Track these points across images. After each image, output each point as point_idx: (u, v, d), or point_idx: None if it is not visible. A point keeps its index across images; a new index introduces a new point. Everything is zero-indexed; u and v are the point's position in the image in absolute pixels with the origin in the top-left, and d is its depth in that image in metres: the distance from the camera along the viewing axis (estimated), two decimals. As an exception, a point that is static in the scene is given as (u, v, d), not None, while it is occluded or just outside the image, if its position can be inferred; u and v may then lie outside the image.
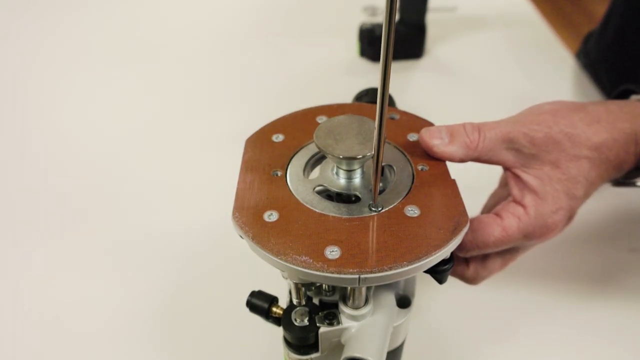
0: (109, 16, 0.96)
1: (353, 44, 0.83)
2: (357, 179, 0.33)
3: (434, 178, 0.33)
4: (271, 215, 0.30)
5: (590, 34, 0.79)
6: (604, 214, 0.56)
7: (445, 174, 0.33)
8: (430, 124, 0.37)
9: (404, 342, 0.37)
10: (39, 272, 0.52)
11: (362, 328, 0.31)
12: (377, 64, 0.81)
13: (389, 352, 0.33)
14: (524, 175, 0.35)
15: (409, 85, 0.78)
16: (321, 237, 0.28)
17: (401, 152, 0.35)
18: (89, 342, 0.47)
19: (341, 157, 0.30)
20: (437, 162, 0.34)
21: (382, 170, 0.30)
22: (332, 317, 0.31)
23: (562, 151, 0.35)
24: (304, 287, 0.32)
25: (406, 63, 0.81)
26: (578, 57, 0.81)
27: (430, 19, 0.80)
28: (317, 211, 0.30)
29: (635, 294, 0.49)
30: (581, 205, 0.36)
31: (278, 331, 0.32)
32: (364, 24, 0.80)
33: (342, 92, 0.49)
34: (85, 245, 0.55)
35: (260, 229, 0.29)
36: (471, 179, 0.39)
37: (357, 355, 0.29)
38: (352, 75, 0.79)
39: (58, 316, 0.48)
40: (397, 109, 0.39)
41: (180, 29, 0.92)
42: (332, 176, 0.33)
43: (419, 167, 0.33)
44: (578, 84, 0.77)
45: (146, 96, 0.77)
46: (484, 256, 0.38)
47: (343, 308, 0.31)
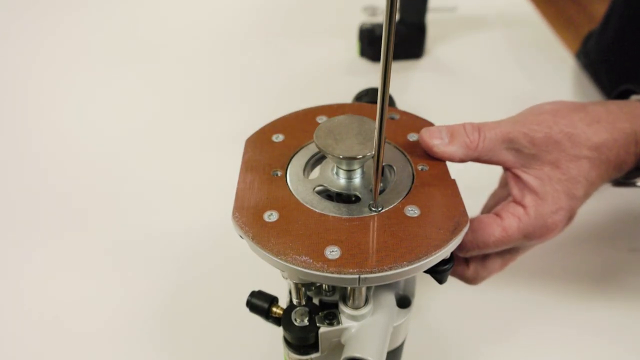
0: (109, 16, 0.96)
1: (353, 44, 0.83)
2: (357, 179, 0.33)
3: (434, 178, 0.33)
4: (271, 215, 0.30)
5: (590, 34, 0.79)
6: (604, 214, 0.56)
7: (445, 174, 0.33)
8: (430, 124, 0.37)
9: (404, 342, 0.37)
10: (39, 272, 0.52)
11: (362, 328, 0.31)
12: (377, 64, 0.81)
13: (389, 352, 0.33)
14: (524, 176, 0.35)
15: (409, 85, 0.78)
16: (321, 237, 0.28)
17: (401, 152, 0.35)
18: (89, 342, 0.47)
19: (341, 157, 0.30)
20: (437, 162, 0.34)
21: (382, 170, 0.30)
22: (332, 317, 0.31)
23: (562, 151, 0.35)
24: (304, 287, 0.32)
25: (406, 63, 0.81)
26: (578, 57, 0.81)
27: (430, 19, 0.80)
28: (317, 211, 0.30)
29: (635, 294, 0.49)
30: (581, 206, 0.36)
31: (278, 331, 0.32)
32: (364, 24, 0.80)
33: (342, 92, 0.49)
34: (85, 245, 0.55)
35: (260, 229, 0.29)
36: (471, 179, 0.39)
37: (357, 355, 0.29)
38: (352, 75, 0.79)
39: (58, 316, 0.48)
40: (397, 109, 0.39)
41: (180, 29, 0.92)
42: (332, 176, 0.33)
43: (419, 167, 0.33)
44: (578, 84, 0.77)
45: (146, 96, 0.77)
46: (484, 256, 0.39)
47: (343, 308, 0.31)
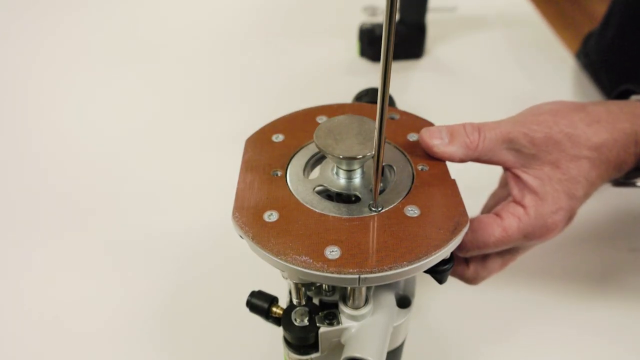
0: (109, 16, 0.96)
1: (353, 44, 0.83)
2: (357, 179, 0.33)
3: (434, 178, 0.33)
4: (271, 215, 0.30)
5: (590, 34, 0.79)
6: (604, 214, 0.56)
7: (445, 174, 0.33)
8: (430, 124, 0.37)
9: (404, 342, 0.37)
10: (39, 272, 0.52)
11: (362, 328, 0.31)
12: (377, 64, 0.81)
13: (389, 352, 0.33)
14: (524, 176, 0.35)
15: (409, 85, 0.78)
16: (321, 237, 0.28)
17: (401, 152, 0.35)
18: (89, 342, 0.47)
19: (341, 157, 0.30)
20: (437, 162, 0.34)
21: (382, 170, 0.30)
22: (332, 317, 0.31)
23: (562, 151, 0.35)
24: (304, 287, 0.32)
25: (406, 63, 0.81)
26: (578, 57, 0.81)
27: (430, 19, 0.80)
28: (317, 211, 0.30)
29: (635, 294, 0.49)
30: (581, 206, 0.36)
31: (278, 331, 0.32)
32: (364, 24, 0.80)
33: (342, 92, 0.49)
34: (85, 245, 0.55)
35: (260, 229, 0.29)
36: (471, 179, 0.39)
37: (357, 355, 0.29)
38: (352, 75, 0.79)
39: (58, 316, 0.48)
40: (397, 109, 0.39)
41: (180, 29, 0.92)
42: (332, 176, 0.33)
43: (419, 167, 0.33)
44: (578, 84, 0.77)
45: (146, 96, 0.77)
46: (484, 256, 0.39)
47: (343, 308, 0.31)
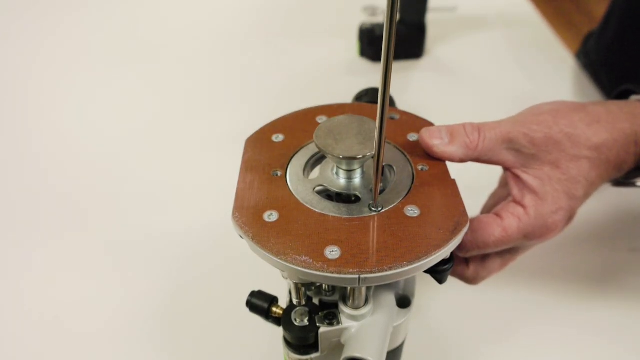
0: (109, 16, 0.96)
1: (353, 44, 0.83)
2: (357, 179, 0.33)
3: (434, 178, 0.33)
4: (271, 215, 0.30)
5: (590, 34, 0.79)
6: (604, 214, 0.56)
7: (445, 174, 0.33)
8: (430, 124, 0.37)
9: (404, 342, 0.37)
10: (39, 272, 0.52)
11: (362, 328, 0.31)
12: (377, 64, 0.81)
13: (389, 352, 0.33)
14: (524, 176, 0.35)
15: (409, 85, 0.78)
16: (321, 237, 0.28)
17: (401, 152, 0.35)
18: (89, 342, 0.47)
19: (341, 157, 0.30)
20: (437, 162, 0.34)
21: (382, 170, 0.30)
22: (332, 317, 0.31)
23: (562, 151, 0.35)
24: (304, 287, 0.32)
25: (406, 63, 0.81)
26: (578, 57, 0.81)
27: (430, 19, 0.80)
28: (317, 211, 0.30)
29: (635, 294, 0.49)
30: (581, 206, 0.36)
31: (278, 331, 0.32)
32: (364, 24, 0.80)
33: (342, 92, 0.49)
34: (85, 245, 0.55)
35: (260, 229, 0.29)
36: (471, 179, 0.39)
37: (357, 355, 0.29)
38: (352, 75, 0.79)
39: (58, 316, 0.48)
40: (397, 109, 0.39)
41: (180, 29, 0.92)
42: (332, 176, 0.33)
43: (419, 167, 0.33)
44: (578, 84, 0.77)
45: (146, 96, 0.77)
46: (484, 256, 0.39)
47: (343, 308, 0.31)
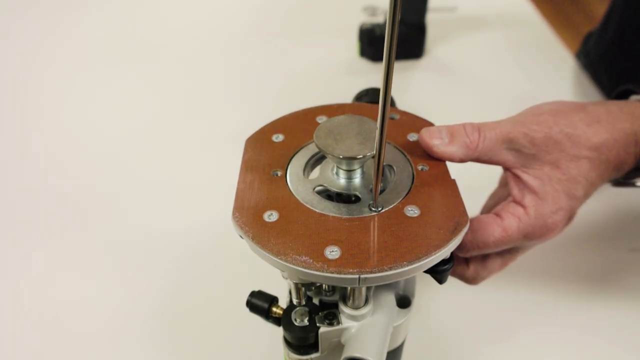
0: (109, 16, 0.96)
1: (353, 44, 0.83)
2: (357, 179, 0.33)
3: (434, 178, 0.33)
4: (271, 215, 0.30)
5: (590, 34, 0.79)
6: (604, 214, 0.56)
7: (445, 174, 0.33)
8: (430, 124, 0.37)
9: (404, 342, 0.37)
10: (39, 272, 0.52)
11: (362, 328, 0.31)
12: (377, 64, 0.81)
13: (389, 352, 0.33)
14: (524, 176, 0.35)
15: (409, 85, 0.78)
16: (321, 237, 0.28)
17: (401, 152, 0.35)
18: (89, 342, 0.47)
19: (341, 157, 0.30)
20: (437, 162, 0.34)
21: (382, 170, 0.30)
22: (332, 317, 0.31)
23: (562, 151, 0.35)
24: (304, 287, 0.32)
25: (406, 63, 0.81)
26: (578, 57, 0.81)
27: (430, 19, 0.80)
28: (317, 211, 0.30)
29: (635, 294, 0.49)
30: (581, 206, 0.36)
31: (278, 331, 0.32)
32: (364, 24, 0.80)
33: (342, 92, 0.49)
34: (85, 245, 0.55)
35: (260, 229, 0.29)
36: (471, 179, 0.39)
37: (357, 355, 0.29)
38: (352, 75, 0.79)
39: (58, 316, 0.48)
40: (397, 109, 0.39)
41: (180, 29, 0.92)
42: (332, 176, 0.33)
43: (419, 167, 0.33)
44: (578, 84, 0.77)
45: (146, 96, 0.77)
46: (484, 256, 0.39)
47: (343, 308, 0.31)
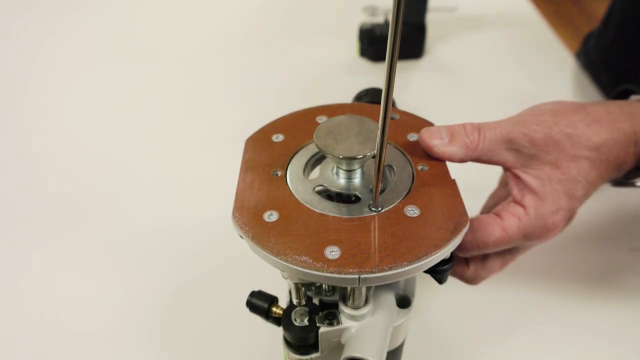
0: (109, 16, 0.96)
1: (353, 44, 0.83)
2: (357, 179, 0.33)
3: (434, 178, 0.33)
4: (271, 215, 0.30)
5: (590, 34, 0.79)
6: (604, 214, 0.56)
7: (445, 174, 0.33)
8: (430, 124, 0.37)
9: (404, 342, 0.37)
10: (39, 272, 0.52)
11: (362, 328, 0.31)
12: (377, 64, 0.81)
13: (389, 352, 0.33)
14: (524, 176, 0.35)
15: (409, 85, 0.78)
16: (321, 237, 0.28)
17: (401, 152, 0.35)
18: (89, 342, 0.47)
19: (341, 157, 0.30)
20: (437, 162, 0.34)
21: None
22: (332, 317, 0.31)
23: (562, 151, 0.35)
24: (304, 287, 0.32)
25: (406, 63, 0.81)
26: (578, 57, 0.81)
27: (430, 19, 0.80)
28: (317, 211, 0.30)
29: (635, 294, 0.49)
30: (581, 206, 0.36)
31: (278, 331, 0.32)
32: (364, 24, 0.80)
33: (342, 92, 0.49)
34: (85, 245, 0.55)
35: (260, 229, 0.29)
36: (471, 179, 0.39)
37: (357, 355, 0.29)
38: (352, 75, 0.79)
39: (58, 316, 0.48)
40: (397, 109, 0.39)
41: (180, 29, 0.92)
42: (332, 176, 0.33)
43: (419, 167, 0.33)
44: (578, 84, 0.77)
45: (146, 96, 0.77)
46: (484, 256, 0.39)
47: (343, 308, 0.31)
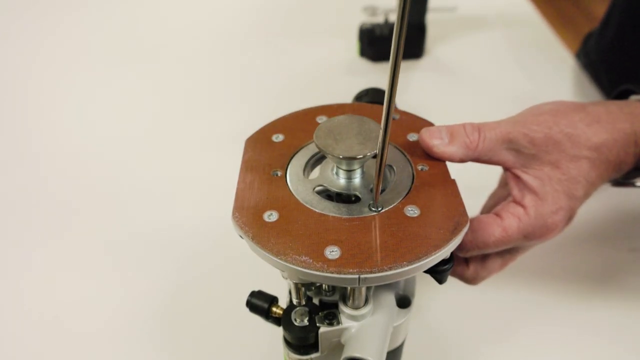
0: (109, 16, 0.96)
1: (353, 44, 0.83)
2: (357, 179, 0.33)
3: (434, 178, 0.33)
4: (271, 215, 0.30)
5: (590, 34, 0.79)
6: (604, 214, 0.56)
7: (445, 174, 0.33)
8: (430, 124, 0.37)
9: (404, 342, 0.37)
10: (39, 272, 0.52)
11: (362, 328, 0.31)
12: (377, 64, 0.81)
13: (389, 352, 0.33)
14: (524, 176, 0.35)
15: (409, 85, 0.78)
16: (321, 237, 0.28)
17: (401, 152, 0.35)
18: (89, 342, 0.47)
19: (341, 157, 0.30)
20: (437, 162, 0.34)
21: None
22: (332, 317, 0.31)
23: (562, 151, 0.35)
24: (304, 287, 0.32)
25: (406, 63, 0.81)
26: (578, 57, 0.81)
27: (430, 19, 0.80)
28: (317, 211, 0.30)
29: (635, 294, 0.49)
30: (581, 206, 0.36)
31: (278, 331, 0.32)
32: (364, 24, 0.80)
33: (342, 92, 0.49)
34: (85, 245, 0.55)
35: (260, 229, 0.29)
36: (471, 179, 0.39)
37: (357, 355, 0.29)
38: (352, 75, 0.79)
39: (58, 316, 0.48)
40: (397, 109, 0.39)
41: (180, 29, 0.92)
42: (332, 176, 0.33)
43: (419, 167, 0.33)
44: (578, 84, 0.77)
45: (146, 96, 0.77)
46: (484, 256, 0.39)
47: (343, 308, 0.31)
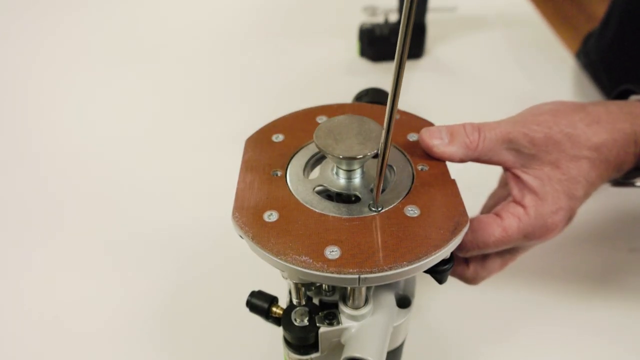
0: (109, 16, 0.96)
1: (353, 44, 0.83)
2: (357, 179, 0.33)
3: (434, 178, 0.33)
4: (271, 215, 0.30)
5: (590, 34, 0.79)
6: (604, 214, 0.56)
7: (445, 174, 0.33)
8: (430, 124, 0.37)
9: (404, 342, 0.37)
10: (39, 272, 0.52)
11: (362, 328, 0.31)
12: (377, 64, 0.81)
13: (389, 352, 0.33)
14: (524, 176, 0.35)
15: (409, 85, 0.78)
16: (321, 237, 0.28)
17: (401, 152, 0.35)
18: (89, 342, 0.47)
19: (341, 157, 0.30)
20: (437, 162, 0.34)
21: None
22: (332, 317, 0.31)
23: (562, 151, 0.35)
24: (304, 287, 0.32)
25: (406, 63, 0.81)
26: (578, 57, 0.81)
27: (430, 19, 0.80)
28: (317, 211, 0.30)
29: (635, 294, 0.49)
30: (581, 206, 0.36)
31: (278, 331, 0.32)
32: (364, 24, 0.80)
33: (342, 92, 0.49)
34: (85, 245, 0.55)
35: (260, 229, 0.29)
36: (471, 179, 0.39)
37: (357, 355, 0.29)
38: (352, 75, 0.79)
39: (58, 316, 0.48)
40: (397, 108, 0.39)
41: (180, 29, 0.92)
42: (332, 176, 0.33)
43: (419, 167, 0.33)
44: (578, 84, 0.77)
45: (146, 96, 0.77)
46: (484, 256, 0.39)
47: (343, 308, 0.31)
